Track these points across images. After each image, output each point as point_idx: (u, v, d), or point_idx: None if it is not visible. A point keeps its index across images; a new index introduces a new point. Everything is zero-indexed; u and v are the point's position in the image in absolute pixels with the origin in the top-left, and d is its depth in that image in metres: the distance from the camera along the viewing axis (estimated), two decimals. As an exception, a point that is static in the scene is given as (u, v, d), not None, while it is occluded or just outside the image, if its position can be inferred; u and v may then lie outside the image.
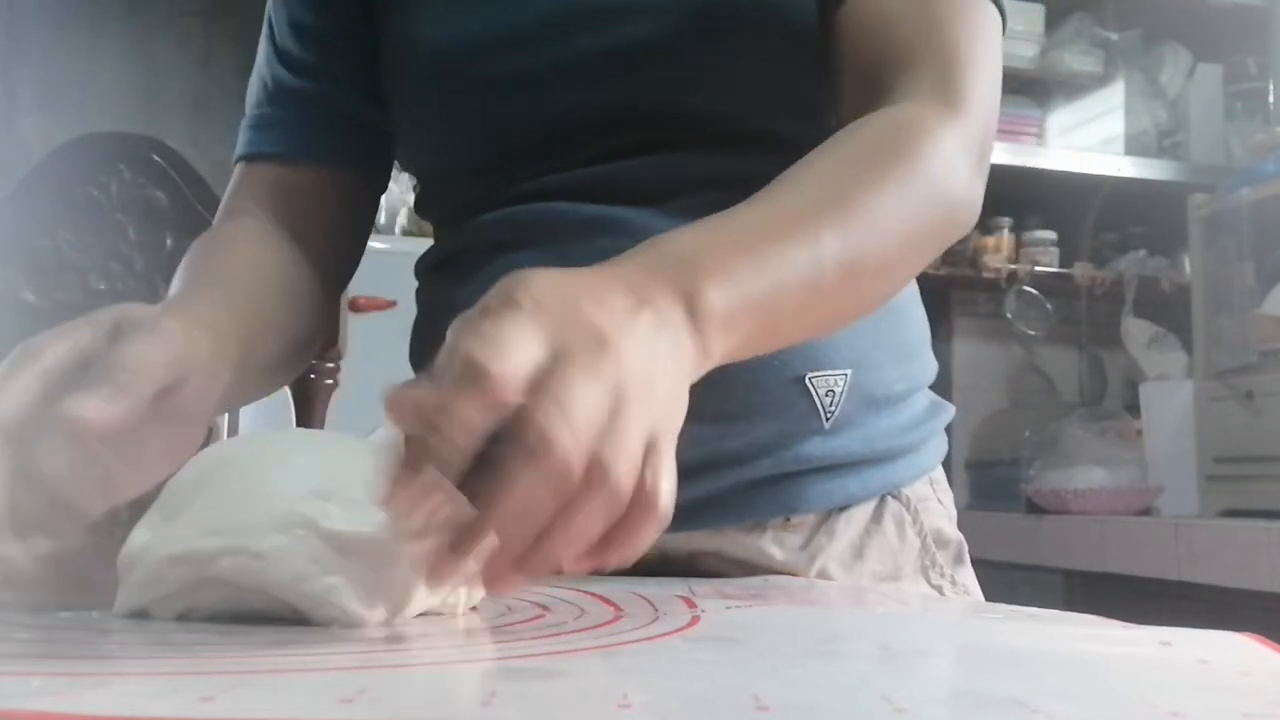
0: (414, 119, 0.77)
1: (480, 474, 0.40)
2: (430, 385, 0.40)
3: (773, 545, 0.71)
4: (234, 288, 0.67)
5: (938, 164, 0.60)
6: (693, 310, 0.48)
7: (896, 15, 0.65)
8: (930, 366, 0.79)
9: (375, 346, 1.00)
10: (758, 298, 0.51)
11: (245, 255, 0.72)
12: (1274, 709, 0.30)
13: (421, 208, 0.84)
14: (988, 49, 0.66)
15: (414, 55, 0.74)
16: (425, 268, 0.81)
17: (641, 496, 0.41)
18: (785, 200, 0.56)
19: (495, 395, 0.39)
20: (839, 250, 0.54)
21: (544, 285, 0.44)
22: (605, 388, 0.41)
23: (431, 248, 0.81)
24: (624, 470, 0.40)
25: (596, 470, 0.40)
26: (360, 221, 0.83)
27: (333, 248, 0.81)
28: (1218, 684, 0.34)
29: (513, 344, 0.40)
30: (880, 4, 0.66)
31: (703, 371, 0.49)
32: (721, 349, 0.50)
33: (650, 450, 0.42)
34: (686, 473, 0.57)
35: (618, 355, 0.42)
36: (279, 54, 0.80)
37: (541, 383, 0.40)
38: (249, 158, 0.80)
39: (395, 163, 0.84)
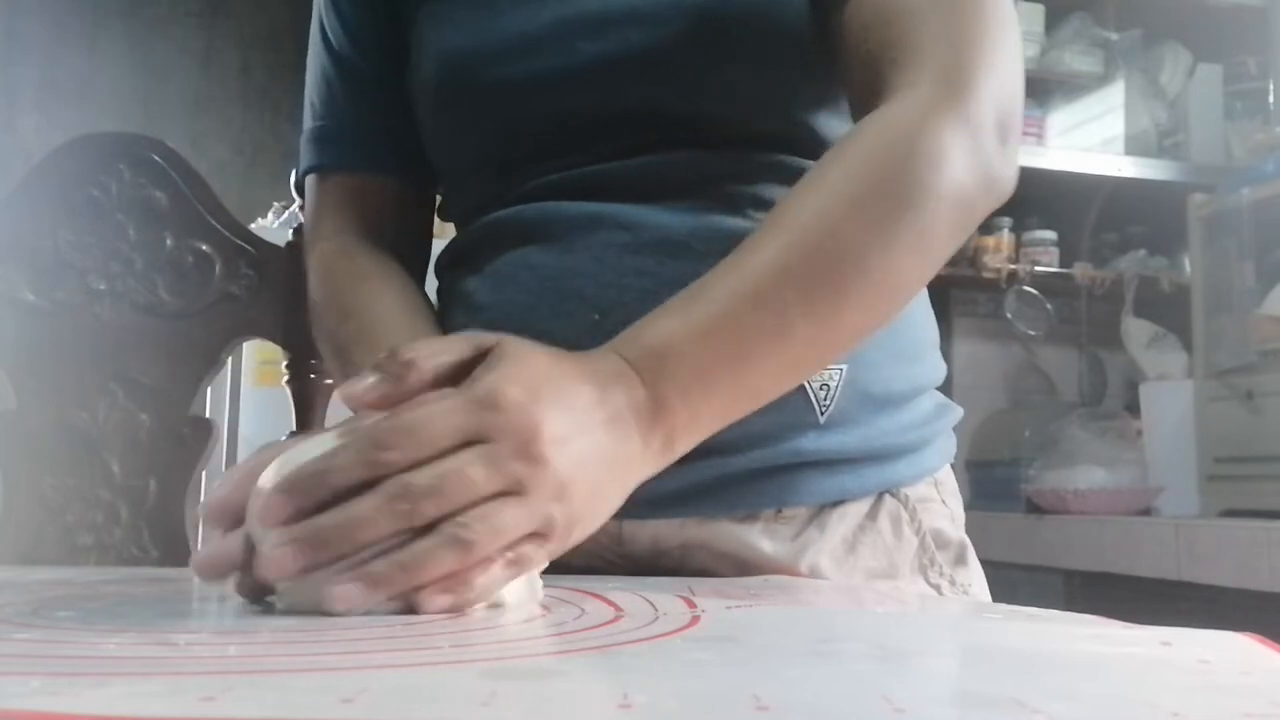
0: (432, 120, 0.79)
1: None
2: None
3: (763, 537, 0.71)
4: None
5: (933, 176, 0.60)
6: (656, 412, 0.54)
7: (902, 3, 0.65)
8: (936, 369, 0.79)
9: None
10: (724, 385, 0.56)
11: (397, 304, 0.76)
12: (1274, 709, 0.30)
13: (440, 208, 0.86)
14: (997, 21, 0.65)
15: (432, 59, 0.77)
16: (443, 264, 0.83)
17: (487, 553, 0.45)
18: (761, 261, 0.58)
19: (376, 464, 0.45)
20: (810, 318, 0.58)
21: (516, 374, 0.48)
22: (499, 479, 0.46)
23: (448, 245, 0.83)
24: (475, 530, 0.45)
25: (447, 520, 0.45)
26: (429, 222, 0.86)
27: (413, 251, 0.84)
28: (1218, 684, 0.34)
29: (423, 431, 0.46)
30: None
31: (658, 466, 0.55)
32: (687, 437, 0.56)
33: (531, 537, 0.47)
34: (681, 459, 0.58)
35: (541, 462, 0.47)
36: (340, 67, 0.83)
37: (437, 461, 0.45)
38: (321, 170, 0.83)
39: None
